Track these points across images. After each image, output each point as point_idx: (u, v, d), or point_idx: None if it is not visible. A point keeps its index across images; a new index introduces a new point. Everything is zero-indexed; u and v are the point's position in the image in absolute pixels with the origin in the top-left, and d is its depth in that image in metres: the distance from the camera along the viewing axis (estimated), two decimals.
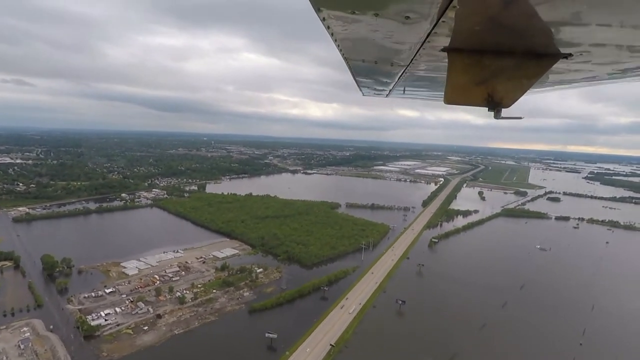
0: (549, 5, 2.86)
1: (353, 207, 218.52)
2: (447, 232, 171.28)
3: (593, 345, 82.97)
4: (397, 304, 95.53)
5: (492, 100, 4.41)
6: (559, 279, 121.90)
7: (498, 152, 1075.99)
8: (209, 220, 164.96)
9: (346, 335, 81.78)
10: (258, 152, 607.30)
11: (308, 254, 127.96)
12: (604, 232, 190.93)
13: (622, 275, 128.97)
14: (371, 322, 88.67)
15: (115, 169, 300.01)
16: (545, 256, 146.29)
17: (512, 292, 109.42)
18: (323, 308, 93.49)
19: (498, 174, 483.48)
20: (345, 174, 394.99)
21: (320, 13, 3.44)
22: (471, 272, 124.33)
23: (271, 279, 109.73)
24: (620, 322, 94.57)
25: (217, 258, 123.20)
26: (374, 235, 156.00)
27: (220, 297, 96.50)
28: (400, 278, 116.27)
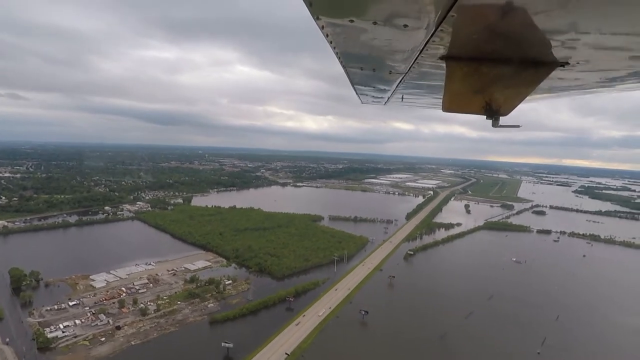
0: (546, 14, 2.86)
1: (336, 219, 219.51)
2: (425, 244, 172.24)
3: (550, 355, 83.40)
4: (361, 314, 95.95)
5: (490, 109, 4.48)
6: (528, 291, 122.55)
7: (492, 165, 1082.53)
8: (186, 232, 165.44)
9: (304, 344, 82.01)
10: (251, 165, 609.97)
11: (280, 265, 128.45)
12: (583, 246, 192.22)
13: (592, 288, 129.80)
14: (332, 331, 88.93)
15: (103, 182, 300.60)
16: (519, 269, 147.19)
17: (479, 303, 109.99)
18: (286, 318, 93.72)
19: (488, 187, 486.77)
20: (335, 186, 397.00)
21: (318, 21, 3.47)
22: (442, 284, 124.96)
23: (239, 291, 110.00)
24: (582, 333, 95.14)
25: (189, 270, 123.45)
26: (351, 247, 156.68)
27: (183, 309, 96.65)
28: (370, 289, 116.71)
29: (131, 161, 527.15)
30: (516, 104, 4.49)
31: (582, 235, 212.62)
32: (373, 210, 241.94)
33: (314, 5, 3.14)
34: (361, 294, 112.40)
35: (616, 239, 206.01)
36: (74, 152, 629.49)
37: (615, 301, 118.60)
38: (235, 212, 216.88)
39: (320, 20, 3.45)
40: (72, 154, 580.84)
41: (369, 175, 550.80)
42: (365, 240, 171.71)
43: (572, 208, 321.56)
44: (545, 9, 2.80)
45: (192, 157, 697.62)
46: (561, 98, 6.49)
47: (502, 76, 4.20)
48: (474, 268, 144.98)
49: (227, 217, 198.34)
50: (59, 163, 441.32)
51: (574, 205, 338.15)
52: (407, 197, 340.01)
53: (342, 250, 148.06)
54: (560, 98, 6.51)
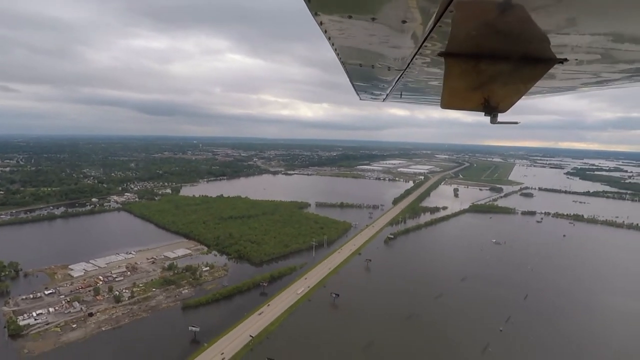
0: (545, 11, 2.87)
1: (322, 206, 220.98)
2: (407, 228, 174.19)
3: (512, 332, 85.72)
4: (332, 297, 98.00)
5: (489, 105, 4.48)
6: (502, 271, 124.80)
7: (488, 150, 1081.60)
8: (170, 222, 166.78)
9: (272, 327, 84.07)
10: (245, 154, 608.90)
11: (259, 252, 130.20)
12: (565, 226, 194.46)
13: (566, 267, 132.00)
14: (302, 314, 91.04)
15: (92, 174, 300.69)
16: (497, 250, 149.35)
17: (452, 284, 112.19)
18: (259, 303, 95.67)
19: (481, 171, 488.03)
20: (326, 174, 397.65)
21: (317, 17, 3.46)
22: (418, 266, 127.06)
23: (215, 277, 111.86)
24: (547, 311, 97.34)
25: (168, 258, 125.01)
26: (332, 233, 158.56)
27: (158, 295, 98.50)
28: (346, 273, 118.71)
29: (123, 152, 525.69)
30: (515, 101, 4.48)
31: (566, 216, 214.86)
32: (361, 196, 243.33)
33: (312, 1, 3.10)
34: (337, 278, 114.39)
35: (599, 218, 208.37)
36: (68, 144, 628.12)
37: (585, 279, 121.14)
38: (222, 201, 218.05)
39: (319, 17, 3.41)
40: (64, 146, 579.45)
41: (363, 162, 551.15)
42: (348, 226, 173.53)
43: (561, 189, 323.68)
44: (544, 5, 2.79)
45: (185, 147, 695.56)
46: (560, 94, 6.48)
47: (500, 73, 4.24)
48: (453, 250, 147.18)
49: (213, 206, 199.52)
50: (50, 156, 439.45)
51: (563, 186, 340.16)
52: (397, 183, 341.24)
53: (323, 236, 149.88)
54: (559, 94, 6.49)
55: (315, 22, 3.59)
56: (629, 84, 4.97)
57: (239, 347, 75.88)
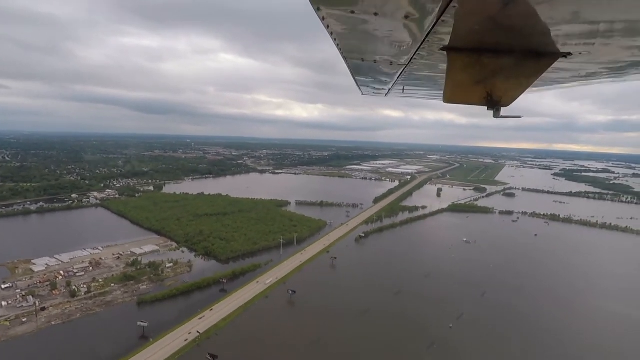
0: (548, 5, 2.87)
1: (302, 204, 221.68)
2: (381, 227, 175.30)
3: (461, 328, 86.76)
4: (289, 293, 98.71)
5: (492, 99, 4.46)
6: (466, 269, 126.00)
7: (482, 151, 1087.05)
8: (144, 218, 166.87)
9: (223, 323, 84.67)
10: (236, 153, 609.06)
11: (226, 249, 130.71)
12: (540, 225, 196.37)
13: (529, 265, 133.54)
14: (256, 311, 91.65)
15: (76, 171, 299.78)
16: (466, 248, 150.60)
17: (413, 281, 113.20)
18: (214, 299, 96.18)
19: (469, 171, 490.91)
20: (314, 173, 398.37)
21: (319, 12, 3.46)
22: (384, 264, 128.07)
23: (177, 273, 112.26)
24: (502, 308, 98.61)
25: (135, 254, 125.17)
26: (305, 231, 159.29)
27: (115, 291, 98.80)
28: (309, 270, 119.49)
29: (114, 150, 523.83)
30: (518, 95, 4.48)
31: (543, 216, 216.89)
32: (343, 196, 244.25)
33: None
34: (299, 275, 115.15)
35: (574, 218, 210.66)
36: (59, 141, 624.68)
37: (546, 277, 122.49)
38: (202, 198, 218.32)
39: (321, 12, 3.42)
40: (55, 143, 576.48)
41: (353, 162, 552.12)
42: (322, 224, 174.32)
43: (544, 190, 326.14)
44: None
45: (178, 146, 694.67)
46: (563, 88, 6.43)
47: (504, 67, 4.23)
48: (422, 249, 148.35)
49: (192, 204, 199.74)
50: (38, 152, 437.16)
51: (547, 187, 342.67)
52: (383, 183, 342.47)
53: (295, 234, 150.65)
54: (562, 88, 6.45)
55: (318, 17, 3.56)
56: (633, 77, 4.92)
57: (185, 343, 76.39)
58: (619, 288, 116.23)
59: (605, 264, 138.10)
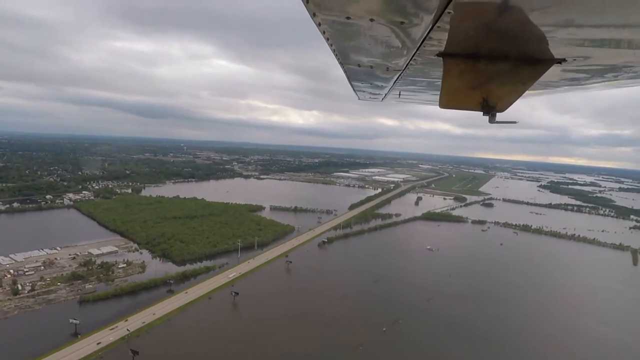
0: (543, 11, 2.87)
1: (277, 209, 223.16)
2: (347, 233, 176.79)
3: (395, 332, 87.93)
4: (232, 295, 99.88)
5: (487, 105, 4.47)
6: (420, 275, 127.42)
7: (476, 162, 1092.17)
8: (110, 220, 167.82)
9: (158, 322, 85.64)
10: (227, 157, 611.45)
11: (184, 251, 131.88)
12: (508, 235, 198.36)
13: (485, 273, 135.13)
14: (196, 311, 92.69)
15: (58, 172, 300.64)
16: (428, 256, 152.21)
17: (363, 286, 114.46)
18: (157, 298, 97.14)
19: (456, 181, 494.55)
20: (299, 179, 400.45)
21: (315, 18, 3.45)
22: (338, 269, 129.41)
23: (128, 274, 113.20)
24: (443, 314, 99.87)
25: (92, 255, 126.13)
26: (270, 235, 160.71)
27: (60, 289, 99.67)
28: (262, 274, 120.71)
29: (104, 153, 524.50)
30: (513, 101, 4.51)
31: (514, 226, 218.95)
32: (320, 202, 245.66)
33: (310, 2, 3.10)
34: (250, 278, 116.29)
35: (545, 229, 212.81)
36: (51, 143, 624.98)
37: (497, 286, 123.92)
38: (176, 201, 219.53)
39: (317, 17, 3.43)
40: (46, 144, 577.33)
41: (342, 169, 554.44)
42: (290, 229, 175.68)
43: (523, 201, 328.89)
44: (542, 5, 2.79)
45: (170, 149, 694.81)
46: (559, 94, 6.47)
47: (499, 73, 4.25)
48: (383, 255, 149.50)
49: (164, 206, 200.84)
50: (25, 153, 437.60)
51: (529, 198, 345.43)
52: (366, 190, 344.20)
53: (257, 238, 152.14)
54: (557, 94, 6.51)
55: (314, 23, 3.60)
56: (628, 83, 4.98)
57: (113, 340, 77.34)
58: (566, 297, 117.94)
59: (560, 275, 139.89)
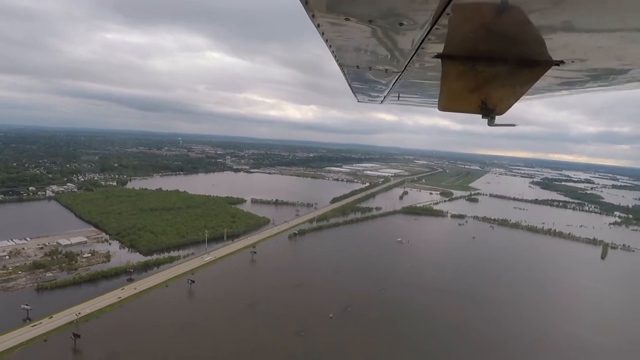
0: (541, 13, 2.87)
1: (258, 202, 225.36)
2: (321, 226, 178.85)
3: (341, 318, 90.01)
4: (188, 283, 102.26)
5: (486, 107, 4.48)
6: (381, 267, 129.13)
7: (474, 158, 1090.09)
8: (87, 211, 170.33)
9: (109, 308, 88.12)
10: (221, 151, 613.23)
11: (152, 241, 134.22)
12: (484, 229, 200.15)
13: (451, 266, 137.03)
14: (149, 297, 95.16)
15: (46, 164, 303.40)
16: (396, 248, 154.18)
17: (321, 276, 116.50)
18: (115, 286, 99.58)
19: (448, 177, 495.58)
20: (289, 173, 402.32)
21: (314, 19, 3.47)
22: (303, 260, 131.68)
23: (92, 263, 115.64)
24: (391, 303, 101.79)
25: (60, 245, 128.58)
26: (242, 226, 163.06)
27: (21, 278, 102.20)
28: (225, 263, 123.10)
29: (98, 146, 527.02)
30: (512, 103, 4.52)
31: (493, 220, 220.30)
32: (303, 195, 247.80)
33: (309, 3, 3.12)
34: (212, 267, 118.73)
35: (522, 223, 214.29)
36: (47, 136, 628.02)
37: (456, 277, 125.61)
38: (157, 194, 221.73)
39: (316, 19, 3.46)
40: (41, 138, 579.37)
41: (335, 164, 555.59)
42: (265, 221, 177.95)
43: (510, 197, 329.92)
44: (540, 7, 2.80)
45: (166, 143, 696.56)
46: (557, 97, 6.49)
47: (497, 75, 4.27)
48: (351, 247, 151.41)
49: (143, 199, 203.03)
50: (18, 146, 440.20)
51: (517, 194, 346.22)
52: (353, 184, 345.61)
53: (228, 229, 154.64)
54: (556, 97, 6.52)
55: (313, 24, 3.63)
56: (626, 86, 4.99)
57: (61, 324, 79.81)
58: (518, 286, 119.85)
59: (523, 267, 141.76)
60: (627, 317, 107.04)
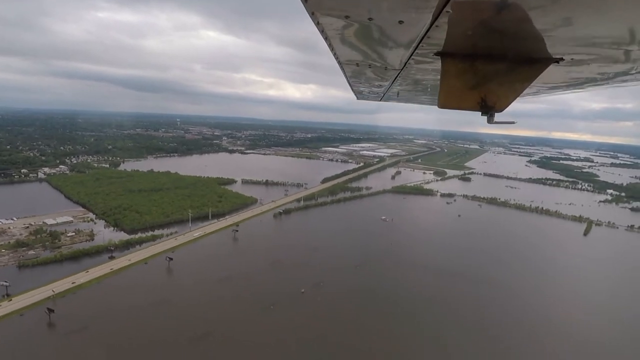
0: (541, 10, 2.88)
1: (248, 183, 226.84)
2: (308, 205, 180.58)
3: (311, 293, 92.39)
4: (167, 260, 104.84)
5: (486, 105, 4.50)
6: (359, 244, 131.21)
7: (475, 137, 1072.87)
8: (76, 192, 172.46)
9: (88, 284, 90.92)
10: (218, 132, 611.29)
11: (136, 221, 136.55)
12: (472, 208, 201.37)
13: (431, 242, 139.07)
14: (125, 275, 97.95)
15: (39, 147, 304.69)
16: (380, 225, 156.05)
17: (300, 253, 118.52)
18: (97, 263, 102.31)
19: (445, 156, 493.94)
20: (284, 154, 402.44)
21: (313, 17, 3.47)
22: (284, 238, 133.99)
23: (75, 241, 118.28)
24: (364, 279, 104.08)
25: (46, 224, 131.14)
26: (228, 206, 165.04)
27: (3, 256, 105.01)
28: (207, 241, 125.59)
29: (95, 128, 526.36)
30: (511, 100, 4.54)
31: (482, 199, 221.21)
32: (295, 175, 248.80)
33: (309, 1, 3.13)
34: (194, 245, 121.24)
35: (511, 202, 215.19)
36: (44, 118, 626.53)
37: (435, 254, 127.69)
38: (148, 175, 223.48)
39: (315, 16, 3.47)
40: (38, 120, 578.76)
41: (332, 144, 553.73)
42: (252, 200, 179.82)
43: (504, 175, 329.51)
44: (540, 5, 2.81)
45: (163, 124, 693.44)
46: (556, 93, 6.48)
47: (497, 72, 4.29)
48: (334, 225, 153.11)
49: (134, 180, 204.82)
50: (13, 129, 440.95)
51: (511, 173, 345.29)
52: (347, 165, 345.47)
53: (217, 209, 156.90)
54: (555, 94, 6.54)
55: (312, 21, 3.66)
56: (626, 82, 4.99)
57: (39, 299, 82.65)
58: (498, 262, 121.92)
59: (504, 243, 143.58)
60: (594, 288, 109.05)
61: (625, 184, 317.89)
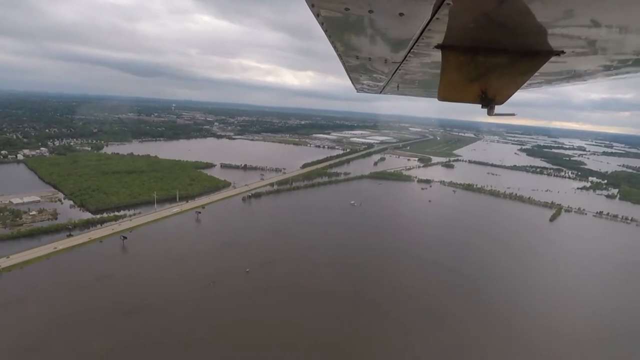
0: (542, 3, 2.87)
1: (227, 167, 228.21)
2: (280, 189, 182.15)
3: (256, 273, 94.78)
4: (121, 239, 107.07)
5: (486, 97, 4.49)
6: (320, 227, 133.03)
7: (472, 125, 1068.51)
8: (48, 174, 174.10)
9: (35, 260, 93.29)
10: (211, 118, 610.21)
11: (102, 201, 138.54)
12: (446, 193, 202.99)
13: (394, 225, 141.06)
14: (80, 252, 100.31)
15: (24, 129, 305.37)
16: (347, 210, 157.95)
17: (257, 236, 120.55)
18: (52, 241, 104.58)
19: (435, 144, 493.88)
20: (271, 140, 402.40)
21: (313, 9, 3.47)
22: (246, 221, 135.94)
23: (36, 220, 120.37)
24: (314, 260, 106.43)
25: (12, 204, 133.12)
26: (198, 189, 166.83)
27: None
28: (169, 222, 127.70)
29: (86, 112, 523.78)
30: (511, 93, 4.55)
31: (458, 185, 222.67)
32: (275, 161, 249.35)
33: None
34: (155, 225, 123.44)
35: (486, 188, 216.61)
36: (36, 101, 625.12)
37: (394, 237, 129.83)
38: (126, 158, 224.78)
39: (315, 8, 3.46)
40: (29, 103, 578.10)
41: (324, 131, 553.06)
42: (226, 184, 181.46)
43: (488, 163, 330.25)
44: None
45: (157, 109, 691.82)
46: (557, 86, 6.50)
47: (497, 65, 4.28)
48: (301, 210, 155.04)
49: (111, 162, 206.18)
50: (3, 111, 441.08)
51: (497, 161, 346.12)
52: (333, 151, 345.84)
53: (187, 192, 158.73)
54: (556, 86, 6.53)
55: (312, 14, 3.65)
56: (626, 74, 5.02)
57: None
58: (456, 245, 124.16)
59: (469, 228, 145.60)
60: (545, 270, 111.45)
61: (609, 172, 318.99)
